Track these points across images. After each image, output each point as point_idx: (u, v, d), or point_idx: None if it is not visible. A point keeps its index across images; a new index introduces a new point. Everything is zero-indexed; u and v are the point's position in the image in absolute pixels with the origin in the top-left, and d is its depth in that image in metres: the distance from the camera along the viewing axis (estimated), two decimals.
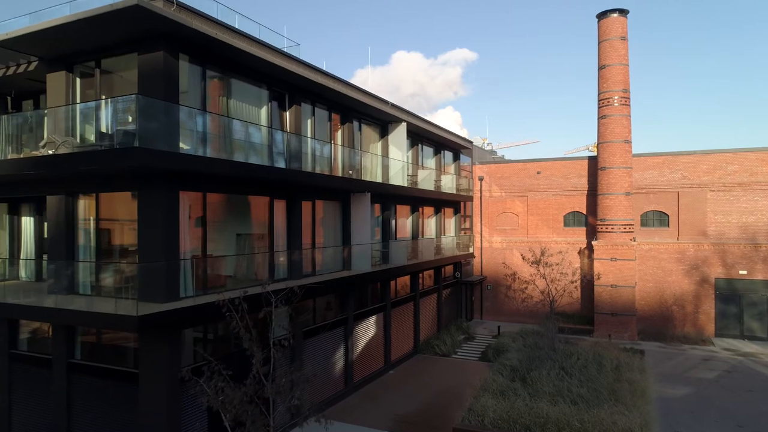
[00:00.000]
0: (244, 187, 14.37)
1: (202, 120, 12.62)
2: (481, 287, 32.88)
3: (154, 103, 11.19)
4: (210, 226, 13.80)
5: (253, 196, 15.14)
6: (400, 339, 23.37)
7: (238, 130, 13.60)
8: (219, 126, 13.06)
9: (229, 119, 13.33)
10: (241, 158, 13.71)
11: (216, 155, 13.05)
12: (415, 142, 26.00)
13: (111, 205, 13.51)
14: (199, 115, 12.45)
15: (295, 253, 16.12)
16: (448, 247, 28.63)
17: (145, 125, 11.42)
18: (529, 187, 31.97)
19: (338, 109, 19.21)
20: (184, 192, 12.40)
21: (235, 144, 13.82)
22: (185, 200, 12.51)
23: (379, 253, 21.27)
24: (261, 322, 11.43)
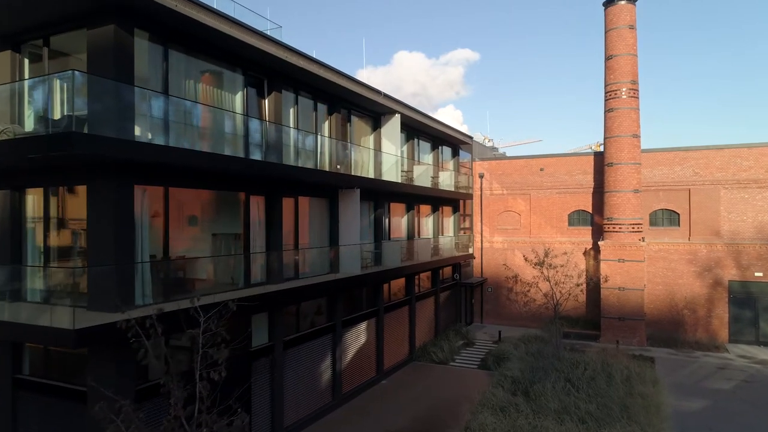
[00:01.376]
0: (214, 182, 12.90)
1: (163, 105, 11.15)
2: (481, 289, 31.39)
3: (99, 83, 9.73)
4: (175, 225, 12.36)
5: (226, 192, 13.68)
6: (394, 346, 21.89)
7: (204, 116, 12.11)
8: (182, 112, 11.58)
9: (193, 104, 11.84)
10: (211, 149, 12.25)
11: (179, 145, 11.57)
12: (411, 137, 24.52)
13: (65, 202, 12.07)
14: (156, 98, 10.96)
15: (274, 254, 14.65)
16: (446, 247, 27.14)
17: (90, 108, 9.99)
18: (532, 184, 30.47)
19: (325, 98, 17.73)
20: (141, 186, 10.94)
21: (203, 133, 12.36)
22: (142, 195, 11.05)
23: (371, 254, 19.80)
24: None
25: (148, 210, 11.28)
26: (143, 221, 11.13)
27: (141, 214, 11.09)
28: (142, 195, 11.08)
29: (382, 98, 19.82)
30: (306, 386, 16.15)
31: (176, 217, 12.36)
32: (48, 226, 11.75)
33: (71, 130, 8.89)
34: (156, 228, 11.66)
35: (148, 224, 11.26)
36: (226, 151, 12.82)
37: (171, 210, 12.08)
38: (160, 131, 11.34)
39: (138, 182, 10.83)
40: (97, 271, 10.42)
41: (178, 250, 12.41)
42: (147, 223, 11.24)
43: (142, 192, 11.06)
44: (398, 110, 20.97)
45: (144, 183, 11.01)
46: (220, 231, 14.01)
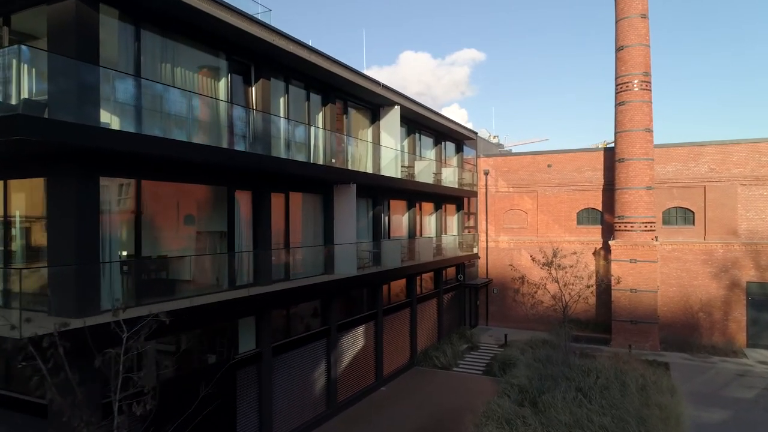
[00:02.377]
0: (194, 175, 11.85)
1: (132, 89, 10.09)
2: (486, 291, 30.23)
3: (55, 61, 8.69)
4: (150, 222, 11.31)
5: (208, 186, 12.62)
6: (393, 350, 20.79)
7: (182, 103, 11.04)
8: (154, 97, 10.52)
9: (166, 88, 10.77)
10: (190, 139, 11.17)
11: (153, 134, 10.50)
12: (412, 131, 23.40)
13: (30, 196, 11.05)
14: (124, 80, 9.89)
15: (261, 254, 13.59)
16: (449, 247, 26.00)
17: (50, 91, 8.99)
18: (539, 181, 29.28)
19: (319, 88, 16.65)
20: (108, 178, 9.91)
21: (181, 121, 11.29)
22: (110, 188, 10.02)
23: (369, 254, 18.71)
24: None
25: (116, 205, 10.25)
26: (111, 217, 10.09)
27: (109, 210, 10.06)
28: (110, 188, 10.05)
29: (380, 89, 18.74)
30: (298, 395, 15.09)
31: (152, 213, 11.30)
32: (8, 223, 10.72)
33: (18, 113, 7.85)
34: (127, 225, 10.61)
35: (117, 221, 10.22)
36: (208, 142, 11.76)
37: (145, 205, 11.03)
38: (131, 118, 10.30)
39: (104, 174, 9.79)
40: (55, 272, 9.40)
41: (154, 249, 11.36)
42: (116, 219, 10.20)
43: (110, 185, 10.04)
44: (398, 102, 19.87)
45: (112, 175, 9.98)
46: (202, 228, 12.96)
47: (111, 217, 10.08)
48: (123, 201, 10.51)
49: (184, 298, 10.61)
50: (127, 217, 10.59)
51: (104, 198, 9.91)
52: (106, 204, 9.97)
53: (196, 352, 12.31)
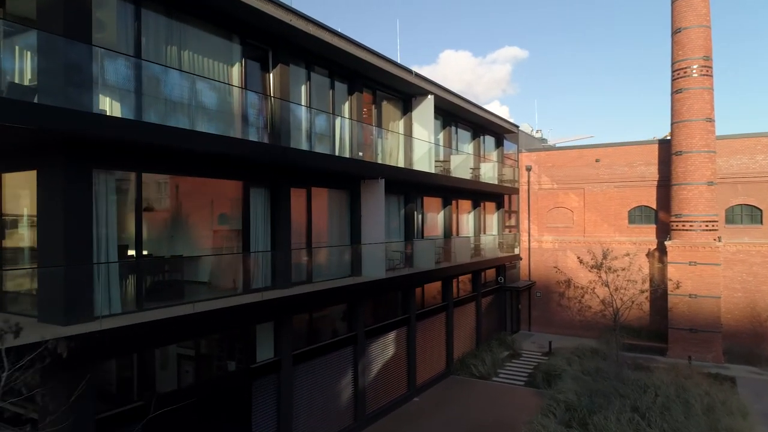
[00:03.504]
0: (203, 168, 10.82)
1: (128, 70, 9.12)
2: (529, 294, 28.42)
3: (40, 39, 7.78)
4: (153, 219, 10.38)
5: (218, 180, 11.60)
6: (428, 358, 19.41)
7: (181, 85, 10.01)
8: (156, 81, 9.53)
9: (164, 69, 9.76)
10: (202, 128, 10.15)
11: (160, 122, 9.52)
12: (448, 123, 21.93)
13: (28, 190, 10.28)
14: (121, 61, 8.91)
15: (279, 254, 12.50)
16: (488, 247, 24.38)
17: (40, 73, 8.13)
18: (586, 177, 27.26)
19: (344, 75, 15.46)
20: (102, 170, 8.97)
21: (189, 110, 10.29)
22: (105, 182, 9.09)
23: (401, 254, 17.40)
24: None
25: (114, 201, 9.31)
26: (108, 214, 9.15)
27: (106, 206, 9.13)
28: (106, 182, 9.11)
29: (413, 77, 17.41)
30: (321, 407, 13.94)
31: (156, 209, 10.37)
32: (2, 220, 9.97)
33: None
34: (127, 223, 9.68)
35: (114, 218, 9.28)
36: (218, 131, 10.72)
37: (148, 201, 10.09)
38: (130, 105, 9.36)
39: (99, 166, 8.85)
40: (43, 275, 8.53)
41: (156, 249, 10.42)
42: (113, 217, 9.26)
43: (106, 178, 9.11)
44: (432, 91, 18.48)
45: (107, 167, 9.03)
46: (212, 227, 11.99)
47: (108, 214, 9.13)
48: (122, 196, 9.57)
49: (187, 304, 9.58)
50: (128, 214, 9.65)
51: (100, 193, 8.98)
52: (102, 199, 9.03)
53: (206, 361, 11.33)
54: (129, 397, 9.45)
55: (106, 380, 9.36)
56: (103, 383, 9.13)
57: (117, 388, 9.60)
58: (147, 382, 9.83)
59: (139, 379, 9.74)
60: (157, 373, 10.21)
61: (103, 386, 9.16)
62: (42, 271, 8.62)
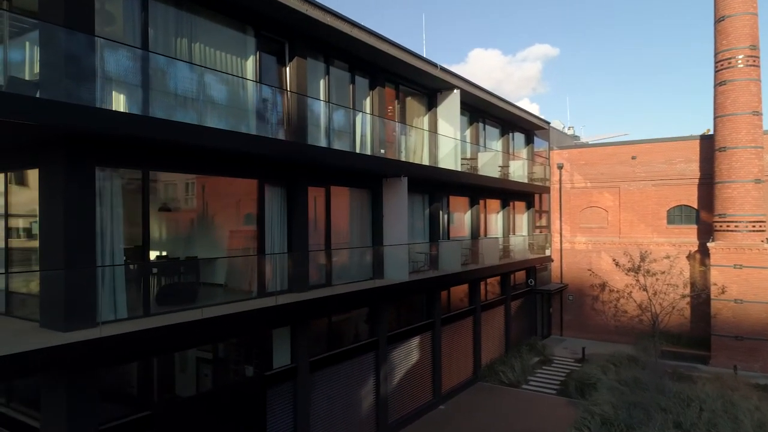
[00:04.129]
0: (215, 166, 10.32)
1: (134, 63, 8.66)
2: (561, 297, 27.30)
3: (39, 29, 7.36)
4: (164, 219, 9.94)
5: (231, 179, 11.10)
6: (454, 364, 18.63)
7: (190, 78, 9.51)
8: (159, 72, 9.06)
9: (169, 61, 9.25)
10: (212, 123, 9.66)
11: (170, 117, 9.04)
12: (475, 119, 21.08)
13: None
14: (113, 51, 8.44)
15: (296, 256, 11.93)
16: (518, 248, 23.41)
17: (42, 66, 7.73)
18: (622, 175, 25.98)
19: (365, 69, 14.82)
20: (106, 168, 8.53)
21: (197, 104, 9.80)
22: (111, 181, 8.65)
23: (425, 256, 16.67)
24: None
25: (120, 201, 8.86)
26: (114, 215, 8.71)
27: (111, 206, 8.69)
28: (112, 181, 8.68)
29: (438, 71, 16.66)
30: (340, 416, 13.34)
31: (166, 209, 9.93)
32: (7, 221, 9.65)
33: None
34: (134, 223, 9.23)
35: (121, 219, 8.83)
36: (230, 127, 10.21)
37: (156, 200, 9.65)
38: (137, 100, 8.91)
39: (102, 164, 8.41)
40: (44, 278, 8.14)
41: (165, 251, 9.97)
42: (119, 217, 8.81)
43: (111, 177, 8.67)
44: (457, 85, 17.69)
45: (111, 165, 8.59)
46: (225, 227, 11.51)
47: (114, 215, 8.70)
48: (129, 195, 9.13)
49: (195, 309, 9.08)
50: (134, 214, 9.21)
51: (105, 192, 8.56)
52: (107, 199, 8.60)
53: (220, 365, 10.84)
54: (136, 404, 8.99)
55: (113, 385, 8.92)
56: (109, 388, 8.69)
57: (123, 394, 9.16)
58: (156, 388, 9.37)
59: (148, 383, 9.28)
60: (168, 377, 9.76)
61: (110, 391, 8.72)
62: (42, 275, 8.23)
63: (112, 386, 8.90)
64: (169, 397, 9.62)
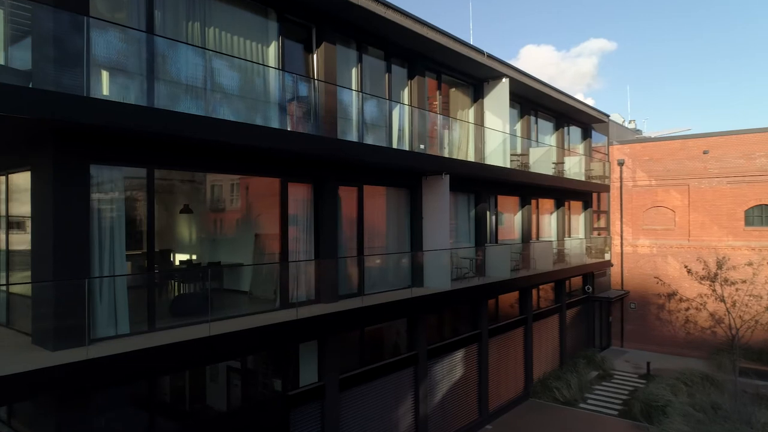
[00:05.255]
0: (231, 163, 9.28)
1: (132, 46, 7.71)
2: (621, 305, 25.07)
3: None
4: (168, 223, 8.99)
5: (250, 177, 10.06)
6: (502, 380, 17.05)
7: (196, 64, 8.47)
8: (161, 57, 8.06)
9: (170, 43, 8.21)
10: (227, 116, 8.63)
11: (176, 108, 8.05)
12: (526, 111, 19.36)
13: None
14: (103, 33, 7.47)
15: (325, 264, 10.78)
16: (574, 252, 21.48)
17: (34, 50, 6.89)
18: (692, 172, 23.52)
19: (403, 56, 13.53)
20: (104, 166, 7.61)
21: (210, 95, 8.80)
22: (111, 180, 7.74)
23: (470, 262, 15.20)
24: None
25: (122, 202, 7.94)
26: (115, 219, 7.80)
27: (111, 208, 7.78)
28: (112, 180, 7.77)
29: (484, 58, 15.16)
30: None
31: (170, 212, 8.98)
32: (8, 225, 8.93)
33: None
34: (135, 227, 8.31)
35: (123, 223, 7.91)
36: (249, 120, 9.16)
37: (162, 202, 8.71)
38: (139, 89, 7.97)
39: (97, 161, 7.49)
40: (35, 290, 7.30)
41: (174, 258, 9.02)
42: (121, 221, 7.89)
43: (111, 175, 7.76)
44: (506, 73, 16.10)
45: (109, 162, 7.66)
46: (241, 231, 10.48)
47: (114, 218, 7.79)
48: (132, 196, 8.21)
49: (202, 323, 8.05)
50: (137, 217, 8.28)
51: (104, 192, 7.65)
52: (107, 200, 7.69)
53: (231, 387, 9.81)
54: (139, 427, 8.05)
55: (113, 403, 8.01)
56: (108, 406, 7.79)
57: (124, 415, 8.23)
58: (162, 409, 8.42)
59: (153, 404, 8.32)
60: (176, 397, 8.81)
61: (109, 410, 7.82)
62: (34, 286, 7.40)
63: (112, 404, 7.99)
64: (176, 420, 8.65)
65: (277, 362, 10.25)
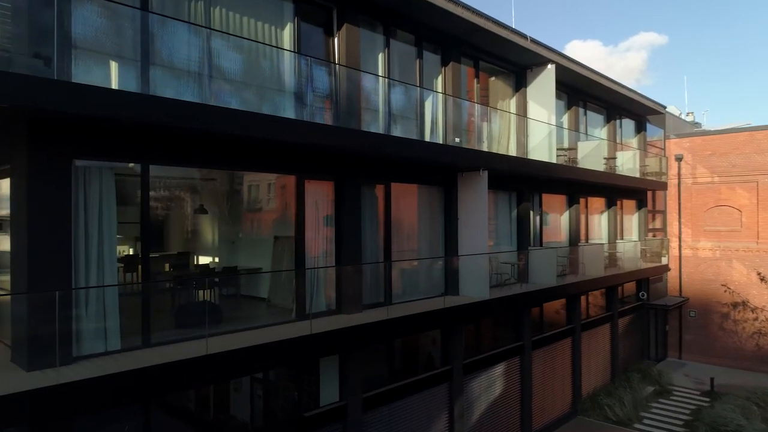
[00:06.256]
0: (235, 158, 8.29)
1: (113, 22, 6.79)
2: (679, 313, 22.98)
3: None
4: (167, 224, 8.08)
5: (260, 174, 9.08)
6: (547, 396, 15.57)
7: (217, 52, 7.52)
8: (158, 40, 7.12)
9: (162, 20, 7.24)
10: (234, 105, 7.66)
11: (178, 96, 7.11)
12: (574, 102, 17.74)
13: None
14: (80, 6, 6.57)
15: (347, 271, 9.69)
16: (627, 256, 19.66)
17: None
18: (761, 167, 21.24)
19: (436, 41, 12.28)
20: (90, 161, 6.74)
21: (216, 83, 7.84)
22: (99, 177, 6.86)
23: (511, 267, 13.82)
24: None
25: (113, 202, 7.05)
26: (103, 220, 6.92)
27: (99, 209, 6.90)
28: (100, 177, 6.89)
29: (528, 42, 13.75)
30: None
31: (171, 212, 8.07)
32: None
33: None
34: (128, 231, 7.43)
35: (113, 225, 7.02)
36: (258, 109, 8.15)
37: (160, 201, 7.81)
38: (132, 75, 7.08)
39: (82, 155, 6.62)
40: (12, 302, 6.48)
41: (175, 264, 8.11)
42: (112, 223, 7.00)
43: (100, 172, 6.88)
44: (552, 59, 14.61)
45: (97, 156, 6.78)
46: (249, 234, 9.51)
47: (103, 220, 6.91)
48: (125, 195, 7.32)
49: (197, 339, 7.08)
50: (130, 218, 7.39)
51: (91, 191, 6.78)
52: (94, 200, 6.82)
53: (239, 407, 8.85)
54: None
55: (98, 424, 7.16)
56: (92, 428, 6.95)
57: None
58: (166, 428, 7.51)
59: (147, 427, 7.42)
60: (173, 416, 7.90)
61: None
62: (12, 297, 6.58)
63: (97, 426, 7.13)
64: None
65: (293, 378, 9.24)
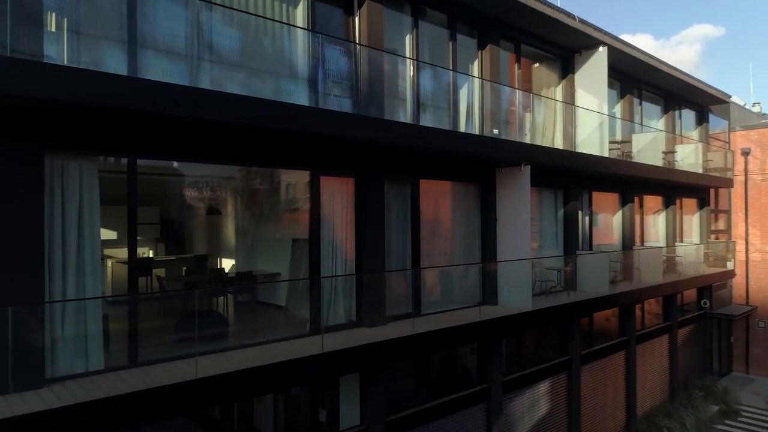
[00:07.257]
0: (240, 151, 7.33)
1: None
2: (746, 324, 20.85)
3: None
4: (168, 225, 7.18)
5: (269, 170, 8.10)
6: (598, 416, 14.06)
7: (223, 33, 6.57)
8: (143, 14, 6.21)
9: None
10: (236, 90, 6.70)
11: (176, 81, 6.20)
12: (628, 90, 16.06)
13: None
14: None
15: (370, 279, 8.60)
16: (688, 260, 17.77)
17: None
18: None
19: (471, 22, 11.03)
20: (66, 155, 5.89)
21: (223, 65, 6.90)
22: (79, 173, 6.02)
23: (557, 273, 12.41)
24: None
25: (95, 201, 6.20)
26: (84, 222, 6.08)
27: (78, 209, 6.06)
28: (80, 173, 6.05)
29: (576, 22, 12.34)
30: None
31: (171, 213, 7.18)
32: None
33: None
34: (119, 234, 6.57)
35: (96, 228, 6.17)
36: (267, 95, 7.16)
37: (160, 201, 6.91)
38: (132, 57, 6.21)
39: (55, 149, 5.78)
40: None
41: (171, 270, 7.21)
42: (95, 225, 6.16)
43: (80, 167, 6.04)
44: (604, 40, 13.10)
45: (74, 150, 5.93)
46: (265, 235, 8.54)
47: (83, 222, 6.07)
48: (112, 193, 6.46)
49: (189, 357, 6.14)
50: (119, 221, 6.53)
51: (69, 189, 5.95)
52: (72, 200, 5.98)
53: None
54: None
55: None
56: None
57: None
58: None
59: None
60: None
61: None
62: None
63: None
64: None
65: (310, 395, 8.25)
